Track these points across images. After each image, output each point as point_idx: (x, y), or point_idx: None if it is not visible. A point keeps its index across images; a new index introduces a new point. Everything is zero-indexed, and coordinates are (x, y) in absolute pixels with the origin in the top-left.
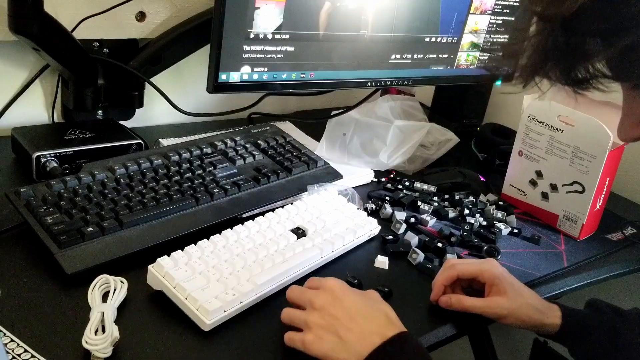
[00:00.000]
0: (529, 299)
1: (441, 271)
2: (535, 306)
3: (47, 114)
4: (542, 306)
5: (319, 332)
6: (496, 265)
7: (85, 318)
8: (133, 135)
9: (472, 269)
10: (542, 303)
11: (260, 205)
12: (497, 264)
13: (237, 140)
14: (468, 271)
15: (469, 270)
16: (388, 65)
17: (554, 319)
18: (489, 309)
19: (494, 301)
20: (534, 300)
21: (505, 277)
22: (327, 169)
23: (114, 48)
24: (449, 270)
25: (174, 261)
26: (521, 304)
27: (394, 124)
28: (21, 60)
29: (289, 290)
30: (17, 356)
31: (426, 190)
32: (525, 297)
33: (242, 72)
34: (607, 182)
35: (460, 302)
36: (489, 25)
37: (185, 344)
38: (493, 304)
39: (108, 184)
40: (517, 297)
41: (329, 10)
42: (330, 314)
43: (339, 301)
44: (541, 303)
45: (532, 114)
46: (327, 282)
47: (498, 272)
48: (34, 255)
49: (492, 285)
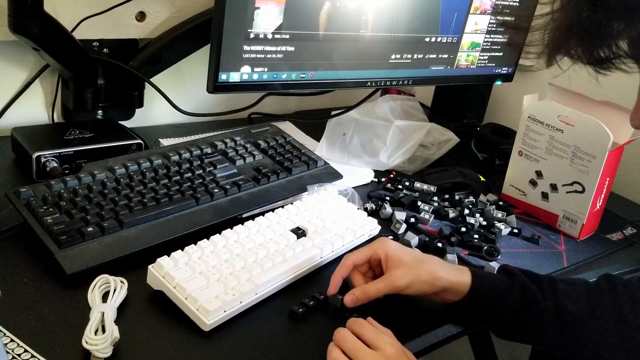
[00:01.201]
0: (431, 264)
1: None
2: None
3: (47, 114)
4: (449, 267)
5: None
6: (386, 241)
7: (85, 318)
8: (133, 135)
9: (364, 252)
10: (448, 265)
11: (260, 205)
12: (387, 240)
13: (237, 140)
14: (360, 257)
15: (361, 255)
16: (388, 65)
17: (463, 278)
18: (391, 284)
19: (392, 275)
20: (437, 265)
21: (398, 249)
22: (327, 169)
23: (114, 48)
24: (343, 262)
25: (174, 261)
26: (422, 270)
27: (394, 124)
28: (21, 60)
29: (339, 334)
30: (17, 356)
31: (426, 190)
32: (427, 262)
33: (242, 72)
34: (607, 182)
35: (364, 293)
36: (489, 25)
37: (185, 344)
38: (392, 277)
39: (108, 184)
40: (415, 264)
41: (329, 10)
42: None
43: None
44: (448, 265)
45: (532, 114)
46: (386, 348)
47: (388, 246)
48: (34, 255)
49: (387, 261)
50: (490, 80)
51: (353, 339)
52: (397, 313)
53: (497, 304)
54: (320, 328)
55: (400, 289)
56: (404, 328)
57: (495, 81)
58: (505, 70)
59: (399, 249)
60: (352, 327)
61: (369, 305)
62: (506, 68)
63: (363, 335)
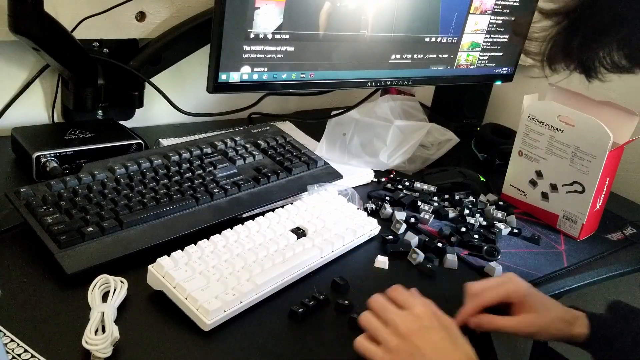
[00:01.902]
0: (556, 312)
1: (468, 301)
2: (564, 318)
3: (47, 114)
4: (569, 317)
5: (398, 358)
6: (520, 283)
7: (85, 318)
8: (133, 135)
9: (500, 294)
10: (568, 314)
11: (260, 205)
12: (519, 280)
13: (237, 140)
14: (495, 299)
15: (497, 297)
16: (388, 65)
17: (581, 329)
18: (522, 328)
19: (526, 320)
20: (560, 313)
21: (532, 294)
22: (327, 169)
23: (114, 48)
24: (475, 301)
25: (174, 261)
26: (551, 320)
27: (394, 124)
28: (21, 60)
29: (372, 298)
30: (17, 356)
31: (426, 190)
32: (553, 311)
33: (242, 72)
34: (607, 182)
35: (491, 323)
36: (489, 25)
37: (185, 344)
38: (525, 322)
39: (108, 184)
40: (546, 313)
41: (329, 10)
42: (414, 344)
43: (425, 332)
44: (568, 314)
45: (532, 114)
46: (415, 307)
47: (524, 289)
48: (34, 255)
49: (522, 304)
50: (490, 80)
51: (382, 300)
52: None
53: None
54: (320, 328)
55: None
56: None
57: (495, 81)
58: (505, 70)
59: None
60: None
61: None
62: (506, 68)
63: (394, 298)
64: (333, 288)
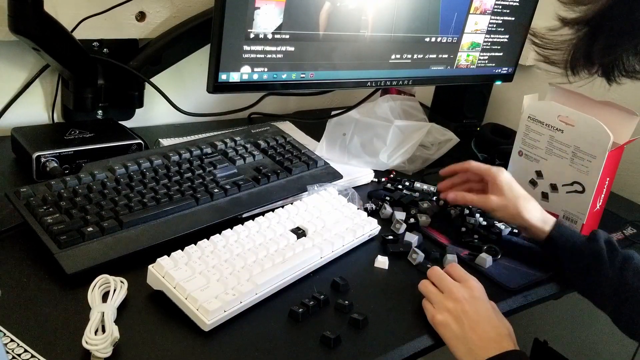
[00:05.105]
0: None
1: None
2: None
3: (47, 114)
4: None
5: (449, 318)
6: (502, 171)
7: (85, 318)
8: (133, 135)
9: (482, 169)
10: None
11: (260, 205)
12: (503, 170)
13: (237, 140)
14: (478, 169)
15: (480, 169)
16: (388, 65)
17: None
18: (483, 203)
19: (488, 198)
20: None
21: (505, 180)
22: (327, 169)
23: (114, 48)
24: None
25: (174, 261)
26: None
27: (394, 124)
28: (21, 60)
29: (431, 269)
30: (17, 356)
31: (426, 190)
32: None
33: (242, 72)
34: (607, 182)
35: (462, 196)
36: (489, 25)
37: (185, 344)
38: (487, 199)
39: (108, 184)
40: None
41: (329, 10)
42: (463, 309)
43: (474, 301)
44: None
45: (532, 114)
46: (470, 280)
47: (500, 175)
48: (34, 255)
49: (492, 186)
50: (490, 80)
51: (441, 272)
52: (397, 312)
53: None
54: (320, 328)
55: (488, 211)
56: (404, 328)
57: (495, 81)
58: (505, 70)
59: (507, 181)
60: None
61: (371, 306)
62: (506, 68)
63: (451, 273)
64: (333, 288)
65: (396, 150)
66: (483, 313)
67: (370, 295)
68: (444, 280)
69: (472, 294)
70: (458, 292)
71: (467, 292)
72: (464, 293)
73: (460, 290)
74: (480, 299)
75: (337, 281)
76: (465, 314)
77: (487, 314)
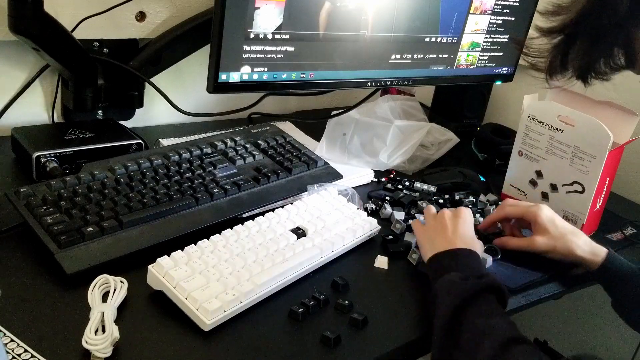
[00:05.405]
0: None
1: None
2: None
3: (47, 114)
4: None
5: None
6: (542, 208)
7: (85, 318)
8: (133, 135)
9: (520, 210)
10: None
11: (260, 205)
12: (543, 207)
13: (237, 140)
14: (515, 212)
15: (517, 211)
16: (388, 65)
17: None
18: (529, 247)
19: (534, 240)
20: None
21: (547, 218)
22: (327, 169)
23: (114, 48)
24: (500, 208)
25: (174, 261)
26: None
27: (394, 124)
28: (21, 60)
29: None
30: (17, 356)
31: (426, 190)
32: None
33: (242, 72)
34: (607, 182)
35: (506, 244)
36: (489, 25)
37: (185, 344)
38: (533, 242)
39: (108, 184)
40: (558, 237)
41: (329, 10)
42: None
43: (456, 219)
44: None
45: (532, 114)
46: (461, 210)
47: (541, 212)
48: (34, 255)
49: (535, 226)
50: (490, 80)
51: None
52: (397, 312)
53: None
54: (320, 328)
55: (537, 253)
56: (404, 328)
57: (495, 81)
58: (505, 70)
59: (549, 218)
60: None
61: (370, 306)
62: (506, 68)
63: None
64: (333, 288)
65: (396, 150)
66: (459, 228)
67: (370, 295)
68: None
69: (456, 214)
70: (445, 211)
71: (453, 214)
72: (449, 212)
73: (448, 213)
74: (463, 220)
75: (337, 281)
76: (443, 227)
77: (462, 231)
